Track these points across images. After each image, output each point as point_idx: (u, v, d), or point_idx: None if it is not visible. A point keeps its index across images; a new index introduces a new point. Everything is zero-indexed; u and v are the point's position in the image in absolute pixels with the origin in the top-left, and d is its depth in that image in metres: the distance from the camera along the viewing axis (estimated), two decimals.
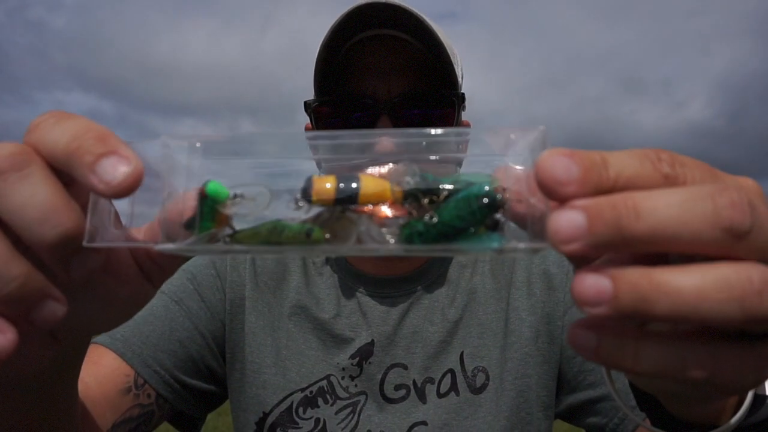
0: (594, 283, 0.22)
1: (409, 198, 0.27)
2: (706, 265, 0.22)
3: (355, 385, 0.63)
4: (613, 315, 0.22)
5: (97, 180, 0.25)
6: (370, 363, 0.64)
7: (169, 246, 0.28)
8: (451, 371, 0.63)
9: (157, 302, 0.67)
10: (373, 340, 0.65)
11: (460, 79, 0.64)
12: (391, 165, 0.29)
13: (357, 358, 0.64)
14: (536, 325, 0.65)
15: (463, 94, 0.62)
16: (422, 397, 0.62)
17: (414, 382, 0.63)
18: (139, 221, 0.31)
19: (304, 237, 0.27)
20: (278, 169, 0.31)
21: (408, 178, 0.28)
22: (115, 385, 0.59)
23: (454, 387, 0.62)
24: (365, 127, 0.59)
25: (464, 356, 0.64)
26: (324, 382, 0.63)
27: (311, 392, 0.63)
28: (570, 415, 0.68)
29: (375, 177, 0.28)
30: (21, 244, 0.26)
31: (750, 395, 0.35)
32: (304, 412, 0.62)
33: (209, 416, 0.71)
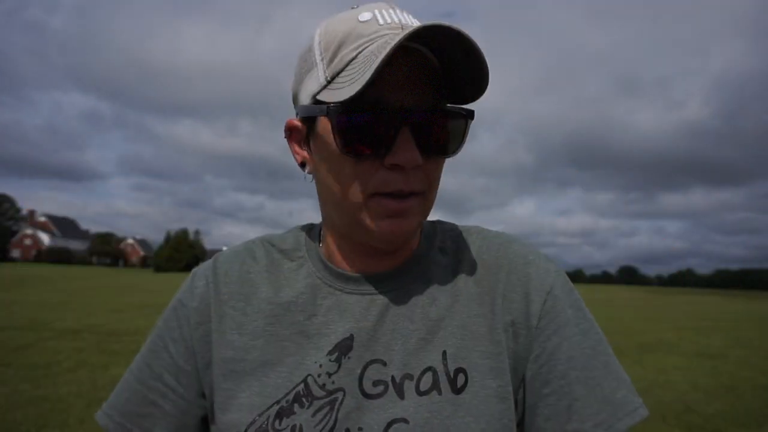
0: None
1: None
2: None
3: (333, 382, 0.62)
4: None
5: None
6: (349, 358, 0.63)
7: None
8: (432, 369, 0.61)
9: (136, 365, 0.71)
10: (352, 335, 0.64)
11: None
12: None
13: (336, 354, 0.63)
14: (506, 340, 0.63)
15: (473, 111, 0.63)
16: (400, 393, 0.61)
17: (393, 378, 0.61)
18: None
19: None
20: None
21: None
22: None
23: (435, 386, 0.61)
24: (386, 136, 0.58)
25: (446, 356, 0.62)
26: (301, 386, 0.62)
27: (287, 401, 0.62)
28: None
29: None
30: None
31: None
32: (281, 423, 0.61)
33: None
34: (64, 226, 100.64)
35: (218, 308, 0.68)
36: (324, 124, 0.61)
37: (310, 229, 0.75)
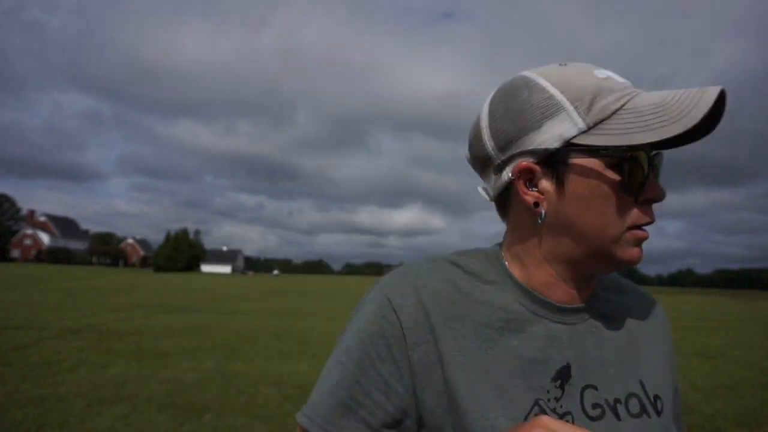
0: None
1: None
2: None
3: (561, 406, 0.67)
4: None
5: None
6: (570, 384, 0.68)
7: None
8: (635, 395, 0.71)
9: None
10: (568, 363, 0.69)
11: None
12: None
13: (558, 381, 0.68)
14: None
15: None
16: (616, 415, 0.68)
17: (606, 401, 0.69)
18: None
19: None
20: None
21: None
22: None
23: (644, 410, 0.70)
24: (646, 177, 0.67)
25: (644, 385, 0.73)
26: (535, 409, 0.66)
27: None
28: None
29: None
30: None
31: None
32: None
33: None
34: (64, 226, 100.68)
35: (437, 329, 0.68)
36: (587, 165, 0.66)
37: (489, 254, 0.77)
